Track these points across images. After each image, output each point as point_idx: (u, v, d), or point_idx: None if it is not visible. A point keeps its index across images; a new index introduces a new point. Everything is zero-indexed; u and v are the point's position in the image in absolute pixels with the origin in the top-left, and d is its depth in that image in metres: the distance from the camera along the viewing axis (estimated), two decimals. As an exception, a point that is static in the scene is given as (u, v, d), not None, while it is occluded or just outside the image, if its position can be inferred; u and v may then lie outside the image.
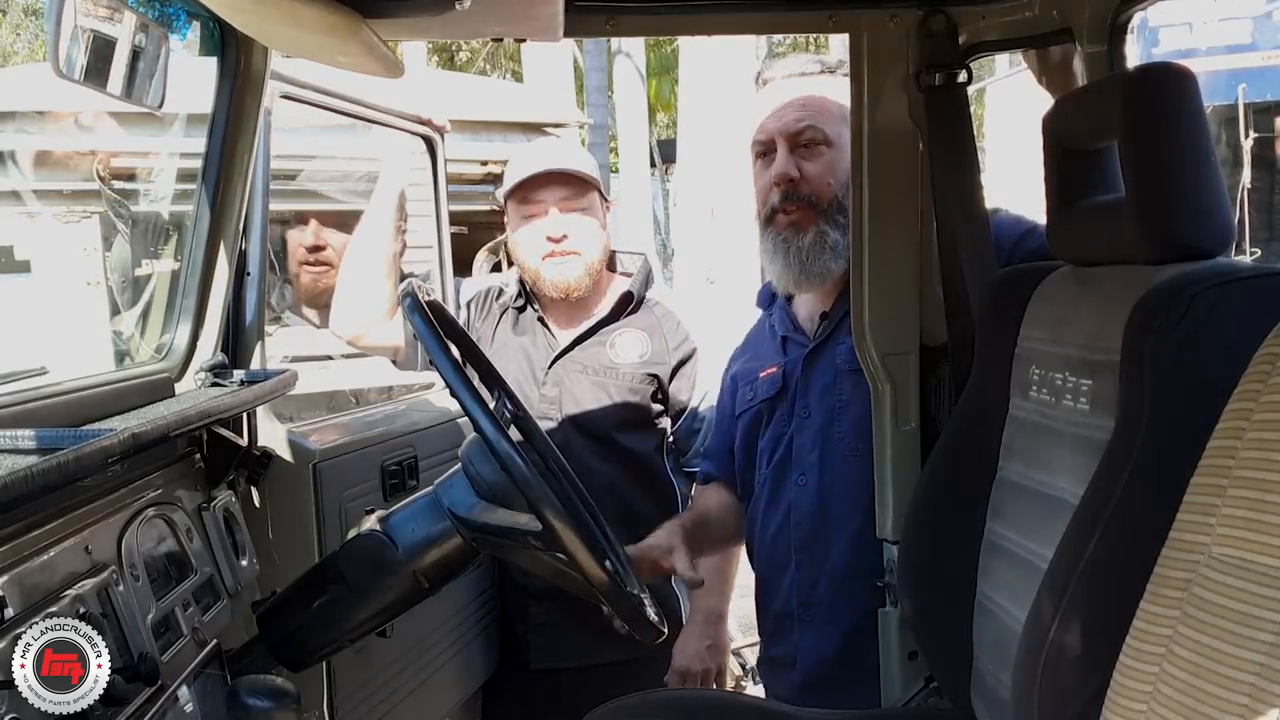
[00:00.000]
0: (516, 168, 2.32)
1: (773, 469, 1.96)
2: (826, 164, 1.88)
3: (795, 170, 1.88)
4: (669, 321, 2.35)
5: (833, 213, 1.87)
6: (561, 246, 2.26)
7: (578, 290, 2.28)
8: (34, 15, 15.74)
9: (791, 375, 1.96)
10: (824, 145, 1.88)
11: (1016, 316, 1.46)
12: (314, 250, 2.68)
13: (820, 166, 1.88)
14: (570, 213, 2.27)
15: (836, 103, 1.88)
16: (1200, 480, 0.92)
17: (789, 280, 1.91)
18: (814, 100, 1.89)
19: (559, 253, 2.26)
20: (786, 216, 1.89)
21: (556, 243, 2.25)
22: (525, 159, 2.33)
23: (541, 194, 2.27)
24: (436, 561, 1.54)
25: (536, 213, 2.27)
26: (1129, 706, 0.92)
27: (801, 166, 1.88)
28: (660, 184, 13.69)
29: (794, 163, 1.88)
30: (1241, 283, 1.13)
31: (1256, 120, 9.54)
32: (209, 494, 1.55)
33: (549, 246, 2.26)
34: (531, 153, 2.35)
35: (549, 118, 3.30)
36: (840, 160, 1.87)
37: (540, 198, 2.27)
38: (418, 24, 1.41)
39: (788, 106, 1.90)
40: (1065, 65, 1.69)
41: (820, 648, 1.90)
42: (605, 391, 2.28)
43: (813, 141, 1.88)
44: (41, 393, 1.34)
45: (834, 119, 1.88)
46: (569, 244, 2.26)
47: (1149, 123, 1.22)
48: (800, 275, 1.89)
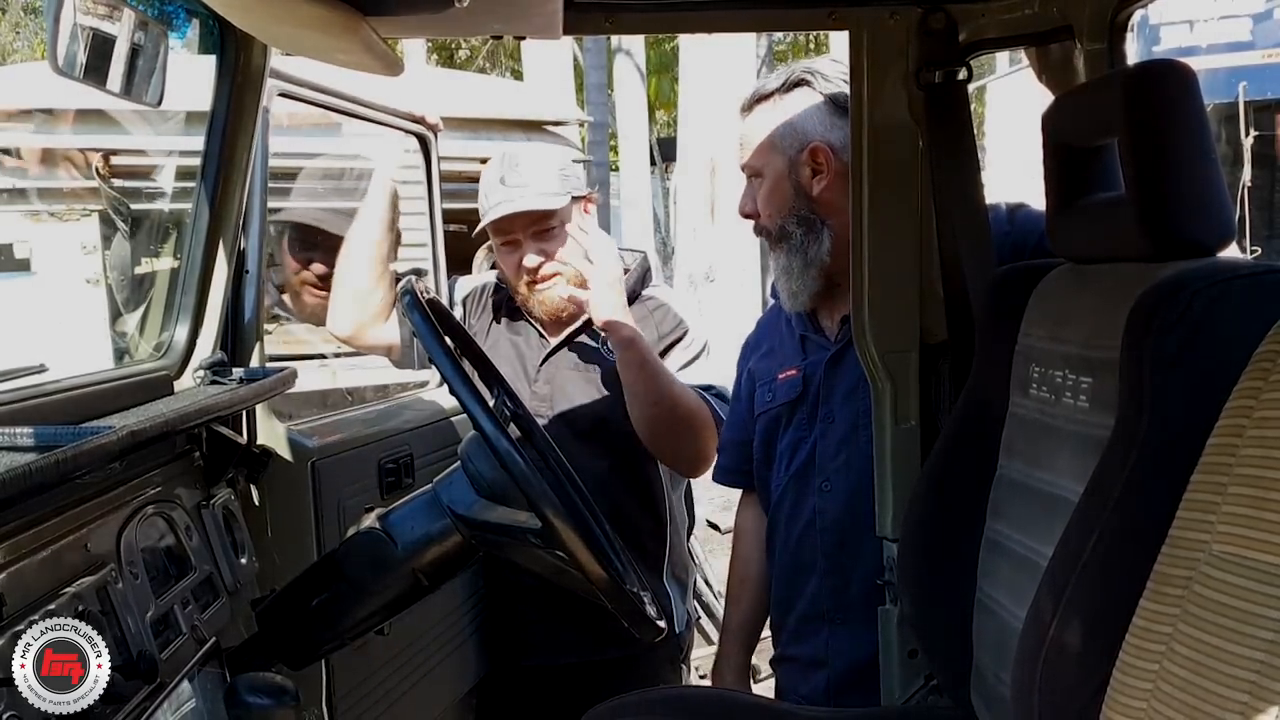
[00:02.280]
0: (484, 201, 2.27)
1: (794, 475, 1.96)
2: (765, 195, 1.94)
3: (749, 205, 1.98)
4: (660, 312, 2.35)
5: (780, 238, 1.93)
6: (541, 273, 2.26)
7: (566, 309, 2.28)
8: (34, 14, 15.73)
9: (813, 379, 1.96)
10: (759, 177, 1.95)
11: (1016, 314, 1.46)
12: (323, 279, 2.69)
13: (763, 199, 1.95)
14: (542, 238, 2.25)
15: (764, 129, 1.93)
16: (1201, 478, 0.92)
17: (783, 300, 1.99)
18: (749, 134, 1.96)
19: (540, 279, 2.26)
20: (767, 244, 1.99)
21: (533, 273, 2.26)
22: (490, 191, 2.26)
23: (512, 228, 2.25)
24: (436, 559, 1.54)
25: (511, 243, 2.27)
26: (1129, 704, 0.92)
27: (755, 199, 1.97)
28: (660, 182, 13.69)
29: (749, 197, 1.98)
30: (1242, 280, 1.13)
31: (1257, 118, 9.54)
32: (208, 492, 1.55)
33: (528, 277, 2.26)
34: (493, 185, 2.25)
35: (549, 115, 3.30)
36: (776, 185, 1.93)
37: (511, 232, 2.25)
38: (417, 21, 1.40)
39: (738, 142, 2.00)
40: (1066, 63, 1.69)
41: (855, 649, 1.89)
42: (596, 389, 2.27)
43: (753, 176, 1.97)
44: (40, 390, 1.34)
45: (763, 149, 1.94)
46: (547, 268, 2.26)
47: (1149, 120, 1.22)
48: (785, 297, 1.97)
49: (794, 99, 1.92)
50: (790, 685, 2.03)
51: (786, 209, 1.91)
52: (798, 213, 1.91)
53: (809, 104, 1.91)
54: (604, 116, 10.79)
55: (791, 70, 1.95)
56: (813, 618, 1.95)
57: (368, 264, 2.30)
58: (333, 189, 2.91)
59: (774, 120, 1.91)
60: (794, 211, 1.91)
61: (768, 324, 2.16)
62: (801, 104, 1.91)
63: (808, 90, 1.92)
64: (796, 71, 1.94)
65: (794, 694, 2.00)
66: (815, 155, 1.89)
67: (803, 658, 1.99)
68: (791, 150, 1.90)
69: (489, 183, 2.27)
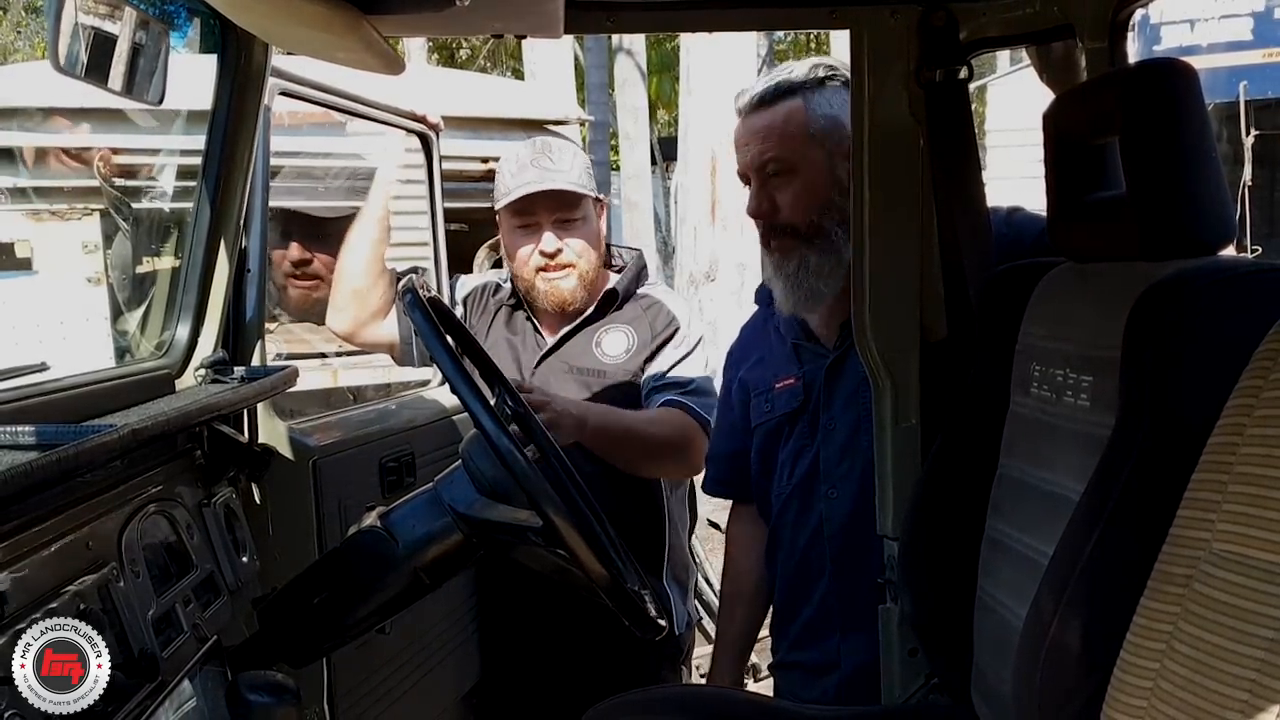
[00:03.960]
0: (509, 180, 2.28)
1: (798, 485, 1.94)
2: (796, 191, 1.86)
3: (767, 203, 1.88)
4: (654, 310, 2.35)
5: (812, 236, 1.86)
6: (556, 261, 2.26)
7: (572, 303, 2.28)
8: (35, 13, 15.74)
9: (813, 387, 1.94)
10: (790, 173, 1.87)
11: (1017, 313, 1.46)
12: (300, 265, 2.68)
13: (790, 195, 1.87)
14: (564, 228, 2.26)
15: (799, 121, 1.86)
16: (1201, 476, 0.92)
17: (788, 304, 1.92)
18: (775, 127, 1.87)
19: (554, 267, 2.26)
20: (773, 245, 1.90)
21: (551, 258, 2.26)
22: (518, 171, 2.27)
23: (535, 210, 2.25)
24: (437, 558, 1.54)
25: (530, 226, 2.27)
26: (1130, 703, 0.92)
27: (775, 197, 1.88)
28: (661, 181, 13.69)
29: (766, 196, 1.88)
30: (1242, 279, 1.13)
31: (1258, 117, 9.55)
32: (209, 490, 1.55)
33: (543, 261, 2.26)
34: (523, 165, 2.26)
35: (550, 115, 3.30)
36: (812, 180, 1.86)
37: (534, 214, 2.26)
38: (418, 20, 1.40)
39: (753, 139, 1.89)
40: (1067, 61, 1.69)
41: (868, 651, 1.87)
42: (590, 391, 2.27)
43: (779, 171, 1.87)
44: (42, 389, 1.34)
45: (796, 141, 1.86)
46: (563, 258, 2.26)
47: (1150, 119, 1.22)
48: (795, 300, 1.90)
49: (829, 91, 1.87)
50: (793, 691, 2.01)
51: (824, 204, 1.85)
52: (838, 209, 1.85)
53: (844, 96, 1.86)
54: (605, 116, 10.79)
55: (816, 64, 1.90)
56: (820, 624, 1.94)
57: (367, 263, 2.31)
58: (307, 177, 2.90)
59: (808, 112, 1.86)
60: (833, 207, 1.85)
61: (753, 332, 2.12)
62: (838, 96, 1.87)
63: (839, 83, 1.88)
64: (823, 65, 1.90)
65: (797, 699, 1.97)
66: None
67: (808, 663, 1.97)
68: (832, 143, 1.85)
69: (517, 164, 2.28)
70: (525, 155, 2.27)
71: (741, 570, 2.12)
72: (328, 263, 2.69)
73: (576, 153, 2.36)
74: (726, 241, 7.39)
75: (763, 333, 2.09)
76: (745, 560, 2.11)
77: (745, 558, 2.11)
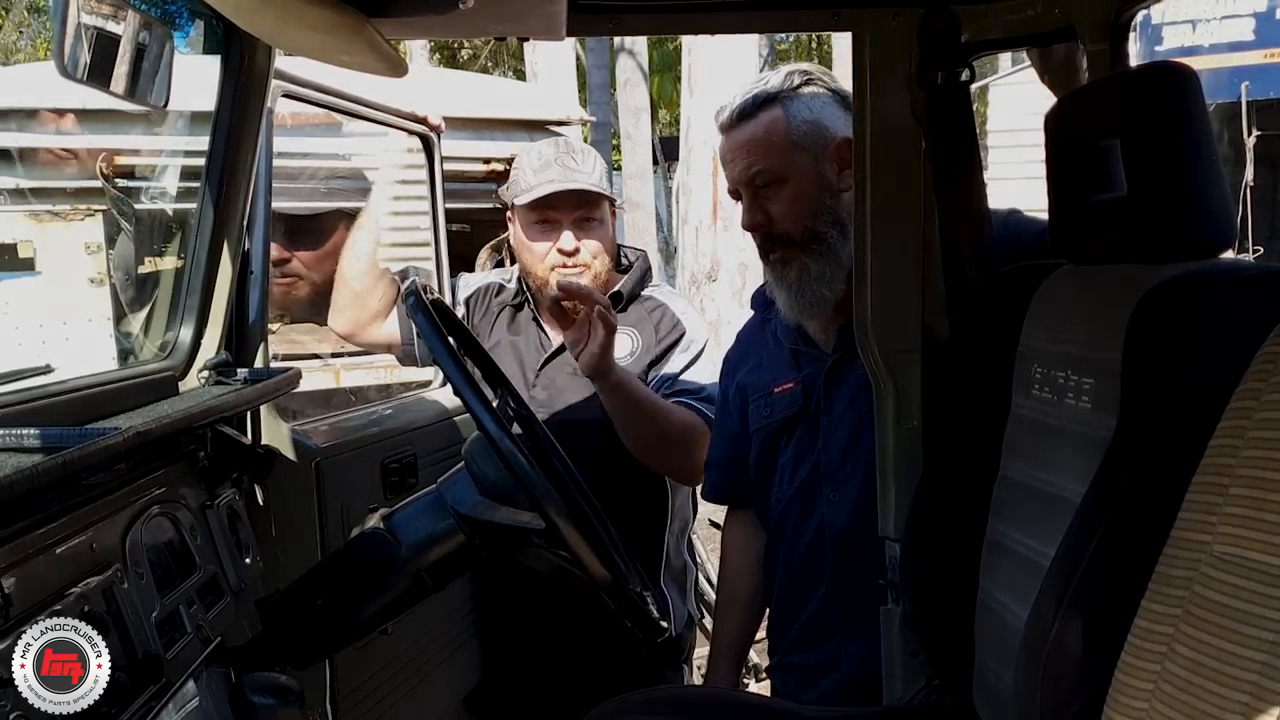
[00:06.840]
0: (530, 176, 2.28)
1: (799, 488, 1.94)
2: (788, 200, 1.86)
3: (761, 215, 1.88)
4: (658, 313, 2.35)
5: (809, 243, 1.86)
6: (573, 260, 2.27)
7: None
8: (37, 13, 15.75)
9: (812, 391, 1.93)
10: (779, 182, 1.87)
11: (1018, 315, 1.46)
12: (278, 264, 2.68)
13: (782, 205, 1.87)
14: (583, 228, 2.27)
15: (781, 130, 1.86)
16: (1202, 479, 0.92)
17: (793, 312, 1.92)
18: (758, 139, 1.87)
19: (570, 265, 2.26)
20: (772, 256, 1.91)
21: (569, 257, 2.26)
22: (540, 168, 2.28)
23: (557, 208, 2.26)
24: (439, 559, 1.54)
25: (549, 223, 2.27)
26: (1131, 704, 0.92)
27: (768, 208, 1.88)
28: (663, 181, 13.69)
29: (759, 208, 1.89)
30: (1243, 281, 1.13)
31: (1259, 118, 9.55)
32: (213, 492, 1.56)
33: (560, 259, 2.27)
34: (547, 163, 2.27)
35: (552, 115, 3.30)
36: (802, 187, 1.86)
37: (555, 212, 2.26)
38: (421, 23, 1.41)
39: (738, 153, 1.89)
40: (1069, 63, 1.69)
41: (870, 652, 1.86)
42: (594, 393, 2.27)
43: (769, 182, 1.87)
44: (46, 391, 1.34)
45: (781, 150, 1.86)
46: (580, 258, 2.27)
47: (1151, 122, 1.22)
48: (799, 307, 1.90)
49: (806, 96, 1.88)
50: (790, 692, 2.00)
51: (817, 210, 1.86)
52: (831, 212, 1.86)
53: (822, 99, 1.88)
54: (606, 116, 10.79)
55: (789, 72, 1.91)
56: (820, 626, 1.94)
57: (368, 264, 2.31)
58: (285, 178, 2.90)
59: (789, 120, 1.86)
60: (827, 211, 1.86)
61: (751, 337, 2.12)
62: (817, 100, 1.88)
63: (816, 86, 1.89)
64: (798, 71, 1.91)
65: (795, 700, 1.97)
66: (841, 150, 1.85)
67: (807, 665, 1.97)
68: (817, 147, 1.86)
69: (540, 160, 2.28)
70: (549, 153, 2.28)
71: (737, 575, 2.12)
72: (307, 260, 2.70)
73: (598, 156, 2.37)
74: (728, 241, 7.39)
75: (760, 337, 2.08)
76: (741, 565, 2.11)
77: (741, 562, 2.11)
